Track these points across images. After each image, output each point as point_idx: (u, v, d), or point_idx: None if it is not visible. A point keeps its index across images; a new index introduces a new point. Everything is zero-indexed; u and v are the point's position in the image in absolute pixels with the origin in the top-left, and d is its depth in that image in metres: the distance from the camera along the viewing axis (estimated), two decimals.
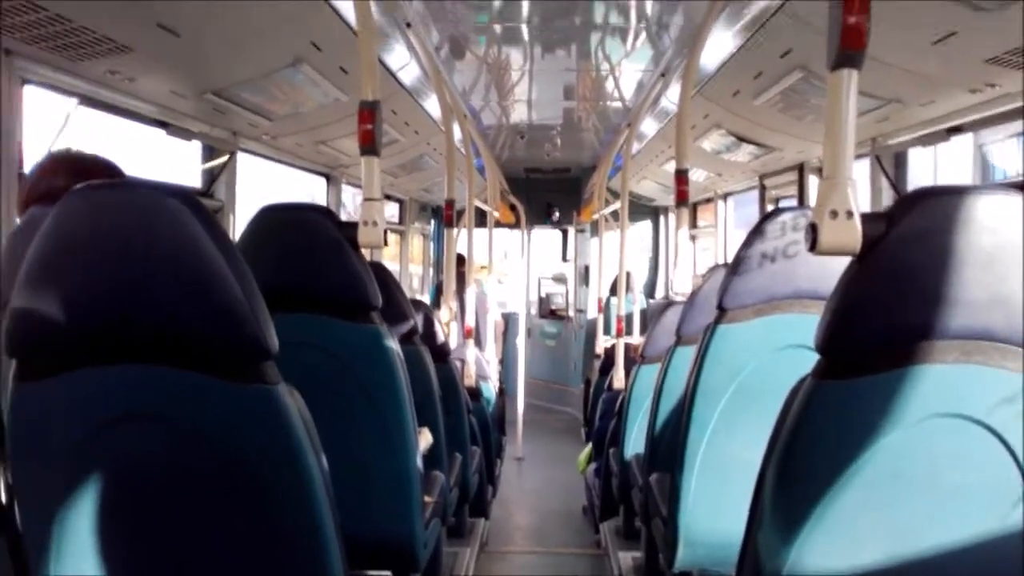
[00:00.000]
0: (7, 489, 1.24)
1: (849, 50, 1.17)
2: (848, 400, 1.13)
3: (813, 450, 1.15)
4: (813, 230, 1.17)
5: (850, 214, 1.14)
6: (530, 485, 5.86)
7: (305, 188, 4.97)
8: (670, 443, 2.18)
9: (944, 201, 1.10)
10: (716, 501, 1.99)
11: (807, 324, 1.23)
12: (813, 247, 1.18)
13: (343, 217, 2.29)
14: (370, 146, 1.85)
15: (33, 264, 1.18)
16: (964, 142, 3.01)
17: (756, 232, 1.87)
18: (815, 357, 1.18)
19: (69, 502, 1.21)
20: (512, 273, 9.13)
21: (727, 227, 6.26)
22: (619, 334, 4.68)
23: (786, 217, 1.85)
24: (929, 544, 1.14)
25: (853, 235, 1.13)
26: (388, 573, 1.83)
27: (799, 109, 3.36)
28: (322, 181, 5.02)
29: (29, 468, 1.23)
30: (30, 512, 1.23)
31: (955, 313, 1.09)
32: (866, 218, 1.13)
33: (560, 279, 8.76)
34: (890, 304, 1.11)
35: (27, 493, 1.23)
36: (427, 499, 2.29)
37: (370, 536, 2.01)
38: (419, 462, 2.09)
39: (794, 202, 4.54)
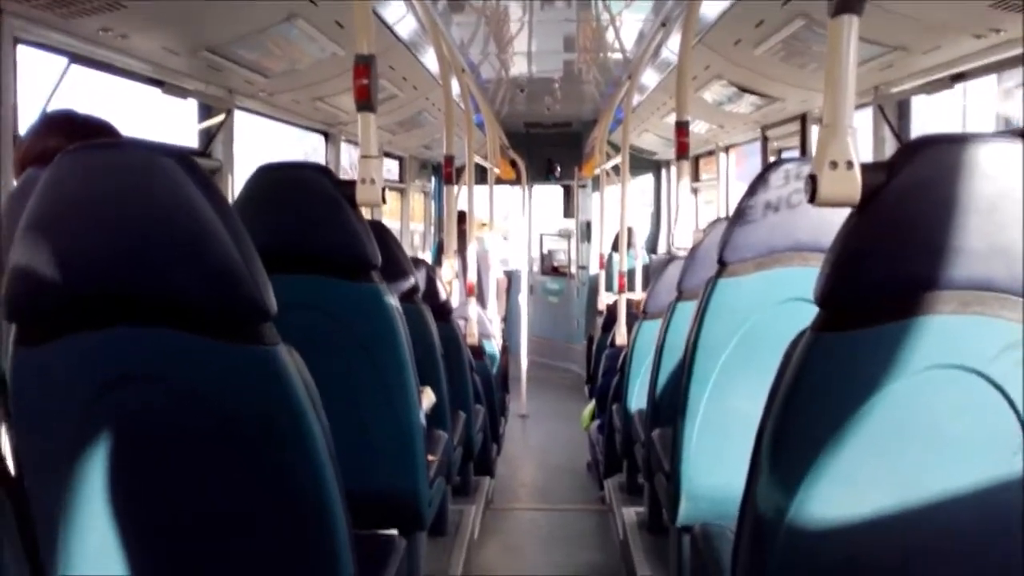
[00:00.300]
0: (12, 452, 1.25)
1: None
2: (848, 352, 1.13)
3: (813, 402, 1.15)
4: (812, 181, 1.16)
5: (850, 164, 1.13)
6: (534, 442, 5.90)
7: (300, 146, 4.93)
8: (672, 398, 2.19)
9: (945, 150, 1.08)
10: (718, 455, 2.01)
11: (808, 277, 1.22)
12: (813, 198, 1.16)
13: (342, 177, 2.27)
14: (366, 102, 1.83)
15: (28, 226, 1.18)
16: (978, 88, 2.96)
17: (758, 183, 1.85)
18: (815, 310, 1.17)
19: (72, 464, 1.22)
20: (514, 231, 9.10)
21: (729, 180, 6.22)
22: (621, 290, 4.68)
23: (788, 167, 1.84)
24: (929, 494, 1.15)
25: (853, 186, 1.11)
26: (394, 532, 1.86)
27: (801, 58, 3.31)
28: (320, 139, 4.99)
29: (32, 431, 1.24)
30: (34, 475, 1.24)
31: (955, 263, 1.08)
32: (866, 168, 1.11)
33: (565, 234, 8.73)
34: (890, 255, 1.10)
35: (31, 455, 1.24)
36: (431, 457, 2.30)
37: (375, 495, 2.02)
38: (422, 421, 2.10)
39: (797, 153, 4.51)
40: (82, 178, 1.17)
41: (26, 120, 2.15)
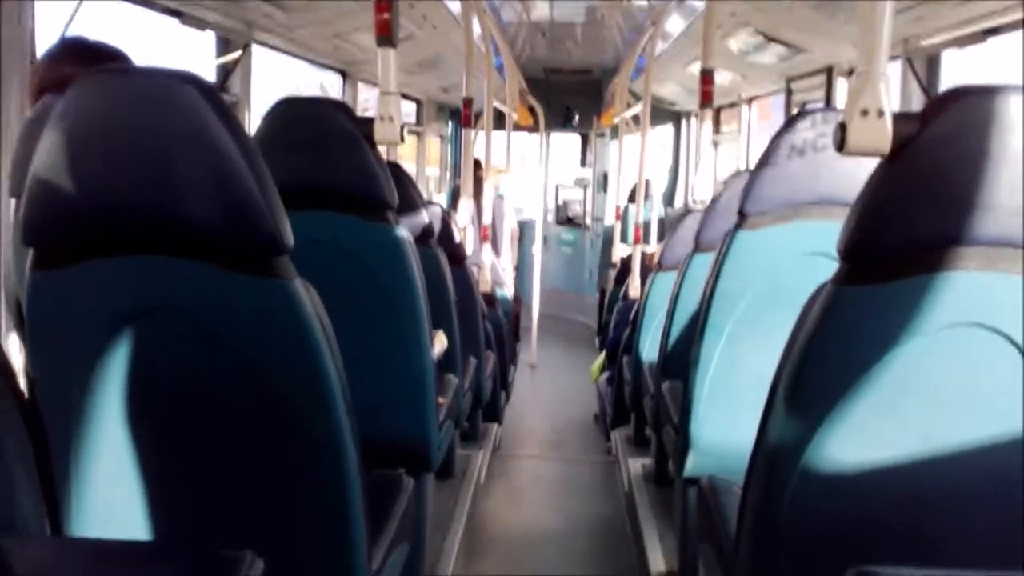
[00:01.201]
0: (27, 376, 1.26)
1: None
2: (869, 306, 1.12)
3: (831, 355, 1.14)
4: (842, 129, 1.13)
5: (881, 113, 1.10)
6: (543, 392, 5.94)
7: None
8: (683, 351, 2.19)
9: (980, 101, 1.05)
10: (727, 408, 2.01)
11: (829, 231, 1.20)
12: (841, 147, 1.14)
13: None
14: (387, 36, 1.80)
15: (46, 153, 1.17)
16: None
17: (782, 133, 1.82)
18: (835, 265, 1.16)
19: (87, 393, 1.23)
20: (528, 178, 9.02)
21: (750, 133, 6.13)
22: (636, 242, 4.65)
23: (814, 117, 1.80)
24: (944, 450, 1.14)
25: (884, 135, 1.09)
26: (402, 471, 1.88)
27: (831, 6, 3.22)
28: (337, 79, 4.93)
29: (48, 355, 1.24)
30: (49, 399, 1.25)
31: (984, 219, 1.06)
32: (898, 118, 1.09)
33: (581, 183, 8.66)
34: (918, 208, 1.08)
35: (46, 380, 1.25)
36: (441, 401, 2.31)
37: (384, 435, 2.04)
38: (433, 364, 2.10)
39: (821, 106, 4.42)
40: (101, 104, 1.15)
41: (43, 48, 2.12)
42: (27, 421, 0.99)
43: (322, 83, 4.93)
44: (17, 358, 1.48)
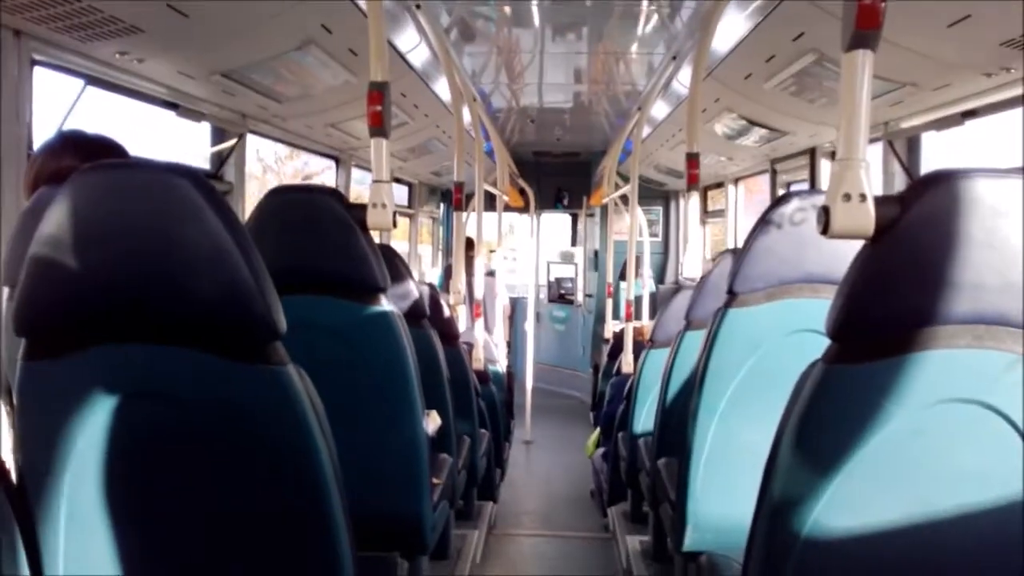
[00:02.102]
0: (16, 466, 1.25)
1: (864, 30, 1.15)
2: (860, 384, 1.13)
3: (825, 434, 1.15)
4: (826, 213, 1.16)
5: (863, 197, 1.13)
6: (538, 468, 5.87)
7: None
8: (679, 427, 2.18)
9: (958, 184, 1.08)
10: (724, 485, 1.99)
11: (817, 309, 1.22)
12: (826, 230, 1.17)
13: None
14: (379, 128, 1.84)
15: (41, 243, 1.18)
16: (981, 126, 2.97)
17: (767, 216, 1.86)
18: (825, 342, 1.17)
19: (77, 481, 1.22)
20: (519, 251, 9.12)
21: (737, 212, 6.23)
22: (628, 318, 4.68)
23: (798, 201, 1.84)
24: (940, 527, 1.14)
25: (866, 218, 1.12)
26: (396, 554, 1.84)
27: (811, 92, 3.33)
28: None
29: (37, 445, 1.23)
30: (39, 489, 1.23)
31: (968, 297, 1.08)
32: (879, 201, 1.12)
33: (568, 257, 8.75)
34: (903, 288, 1.10)
35: (35, 470, 1.24)
36: (435, 481, 2.29)
37: (379, 517, 2.02)
38: (427, 444, 2.09)
39: (805, 186, 4.51)
40: (97, 197, 1.17)
41: (41, 140, 2.17)
42: (15, 509, 0.98)
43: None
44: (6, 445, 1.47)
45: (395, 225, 1.89)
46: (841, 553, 1.16)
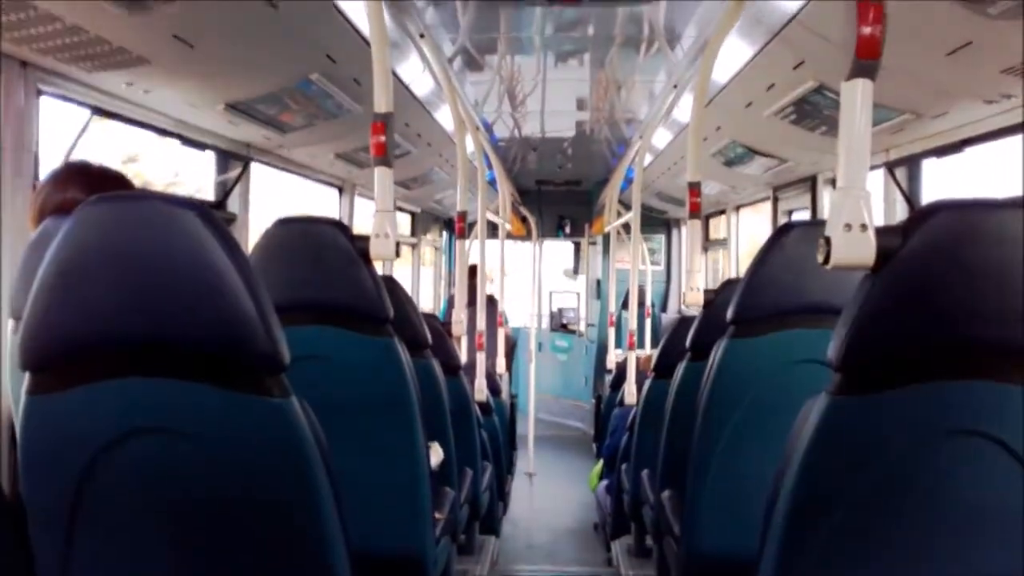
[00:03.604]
0: (18, 501, 1.24)
1: (863, 60, 1.16)
2: (865, 416, 1.12)
3: (831, 467, 1.14)
4: (827, 243, 1.16)
5: (864, 227, 1.13)
6: (541, 502, 5.82)
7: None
8: (682, 459, 2.17)
9: (958, 214, 1.09)
10: (728, 517, 1.98)
11: (819, 339, 1.22)
12: (827, 260, 1.17)
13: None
14: (383, 157, 1.86)
15: (47, 276, 1.19)
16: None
17: (770, 245, 1.86)
18: (827, 372, 1.16)
19: (79, 514, 1.21)
20: (519, 278, 9.13)
21: (739, 240, 6.24)
22: (631, 348, 4.66)
23: (799, 230, 1.85)
24: (946, 561, 1.12)
25: (867, 248, 1.12)
26: None
27: (812, 120, 3.35)
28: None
29: (40, 480, 1.23)
30: (40, 524, 1.23)
31: (972, 327, 1.08)
32: (880, 231, 1.12)
33: (568, 274, 8.77)
34: (905, 319, 1.10)
35: (38, 505, 1.23)
36: (437, 515, 2.27)
37: (380, 552, 2.00)
38: (430, 478, 2.08)
39: (806, 214, 4.52)
40: (102, 230, 1.18)
41: (47, 169, 2.18)
42: (16, 542, 0.97)
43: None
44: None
45: (398, 255, 1.89)
46: None
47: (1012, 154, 2.82)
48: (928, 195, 3.42)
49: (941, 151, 3.11)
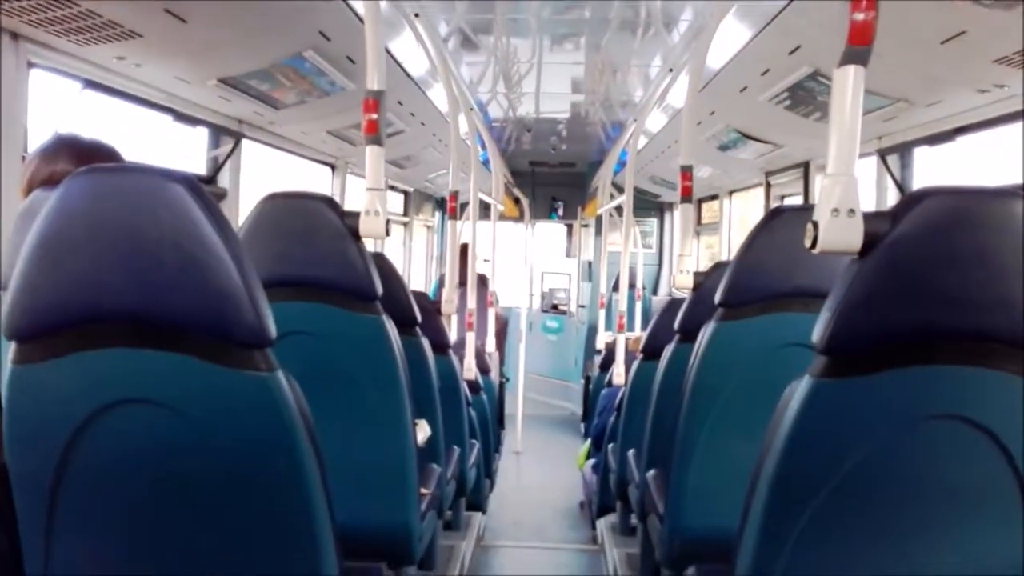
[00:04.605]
0: (3, 469, 1.25)
1: (856, 46, 1.16)
2: (848, 399, 1.13)
3: (812, 449, 1.15)
4: (814, 228, 1.17)
5: (852, 212, 1.14)
6: (528, 480, 5.86)
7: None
8: (668, 440, 2.19)
9: (947, 201, 1.09)
10: (712, 497, 2.00)
11: (808, 322, 1.23)
12: (814, 245, 1.17)
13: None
14: (374, 136, 1.85)
15: (33, 247, 1.18)
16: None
17: (760, 228, 1.87)
18: (813, 355, 1.17)
19: (63, 485, 1.22)
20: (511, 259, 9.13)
21: (731, 224, 6.25)
22: (620, 330, 4.68)
23: (788, 215, 1.85)
24: (926, 545, 1.14)
25: (855, 233, 1.12)
26: (383, 564, 1.84)
27: (806, 106, 3.35)
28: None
29: (25, 449, 1.23)
30: (24, 493, 1.23)
31: (956, 314, 1.09)
32: (868, 216, 1.13)
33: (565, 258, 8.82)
34: (891, 304, 1.11)
35: (22, 475, 1.23)
36: (423, 491, 2.29)
37: (365, 527, 2.01)
38: (416, 454, 2.09)
39: (799, 199, 4.53)
40: (90, 201, 1.18)
41: (36, 142, 2.17)
42: (2, 512, 0.97)
43: None
44: None
45: (389, 233, 1.90)
46: (828, 568, 1.16)
47: (1005, 143, 2.83)
48: (920, 183, 3.44)
49: (933, 139, 3.12)
